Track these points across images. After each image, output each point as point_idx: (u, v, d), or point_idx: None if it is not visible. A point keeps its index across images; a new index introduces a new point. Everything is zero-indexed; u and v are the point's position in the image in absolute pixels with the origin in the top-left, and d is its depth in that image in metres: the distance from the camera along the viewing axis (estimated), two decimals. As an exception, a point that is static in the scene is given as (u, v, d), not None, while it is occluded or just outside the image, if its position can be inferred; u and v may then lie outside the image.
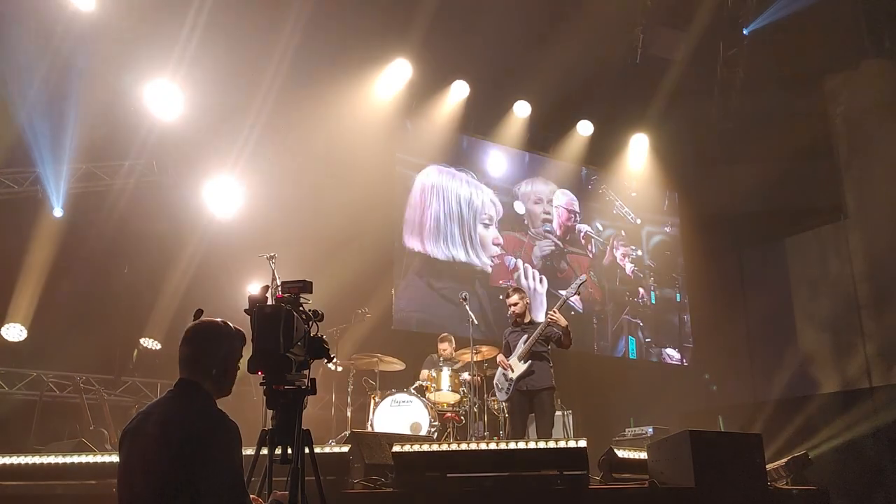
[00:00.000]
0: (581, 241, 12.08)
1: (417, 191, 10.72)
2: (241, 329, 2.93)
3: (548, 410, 6.94)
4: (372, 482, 5.33)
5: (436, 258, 10.57)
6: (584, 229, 12.16)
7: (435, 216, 10.72)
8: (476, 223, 11.05)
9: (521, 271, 11.18)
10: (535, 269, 11.31)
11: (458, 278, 10.57)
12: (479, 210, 11.13)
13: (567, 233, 11.99)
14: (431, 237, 10.62)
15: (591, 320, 11.67)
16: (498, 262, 11.05)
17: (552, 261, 11.59)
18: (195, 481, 2.56)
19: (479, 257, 10.91)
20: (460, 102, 10.97)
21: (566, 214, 12.06)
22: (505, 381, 7.13)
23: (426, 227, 10.63)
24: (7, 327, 8.33)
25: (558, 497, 4.98)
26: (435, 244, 10.61)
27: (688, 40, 10.90)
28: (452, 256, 10.70)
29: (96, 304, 8.84)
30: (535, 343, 6.95)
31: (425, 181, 10.83)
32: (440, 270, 10.56)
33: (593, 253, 12.14)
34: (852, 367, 10.31)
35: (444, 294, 10.40)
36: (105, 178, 9.52)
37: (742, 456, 5.09)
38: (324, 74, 9.48)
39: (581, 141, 11.99)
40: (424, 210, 10.69)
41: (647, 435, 8.18)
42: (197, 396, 2.78)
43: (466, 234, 10.91)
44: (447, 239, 10.73)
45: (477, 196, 11.19)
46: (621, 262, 12.38)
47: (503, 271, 11.05)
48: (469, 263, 10.81)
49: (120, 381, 9.03)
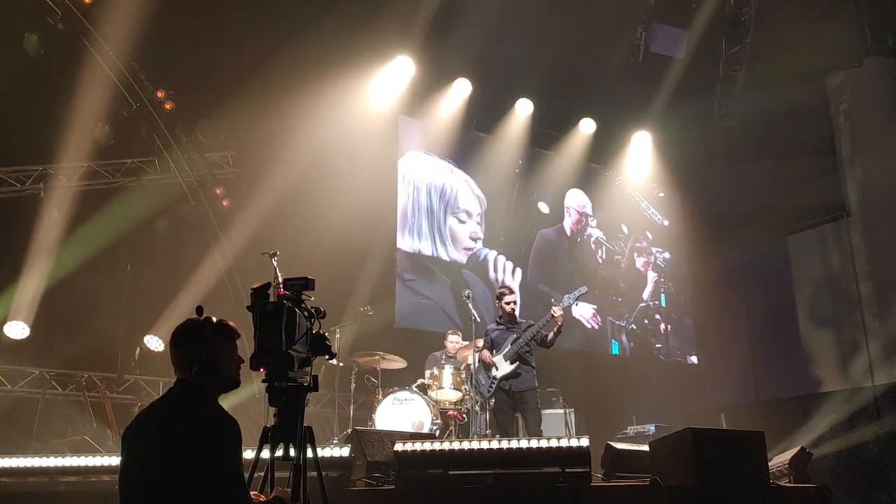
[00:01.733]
0: (591, 247, 12.06)
1: (399, 181, 10.60)
2: (228, 324, 2.90)
3: (534, 409, 7.00)
4: (374, 480, 5.33)
5: (404, 250, 10.37)
6: (596, 235, 12.14)
7: (403, 207, 10.51)
8: (447, 215, 10.85)
9: (491, 263, 11.08)
10: (508, 260, 11.17)
11: (426, 272, 10.41)
12: (451, 202, 10.94)
13: (577, 235, 11.97)
14: (399, 228, 10.42)
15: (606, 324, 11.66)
16: (470, 255, 10.94)
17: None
18: (195, 479, 2.57)
19: (448, 252, 10.74)
20: (463, 100, 10.96)
21: (577, 217, 12.05)
22: (487, 378, 7.14)
23: (398, 217, 10.45)
24: (9, 325, 8.34)
25: (560, 494, 4.97)
26: (401, 235, 10.39)
27: (690, 38, 10.88)
28: (419, 250, 10.51)
29: (99, 303, 8.85)
30: (524, 345, 6.97)
31: (402, 170, 10.69)
32: (408, 264, 10.38)
33: (603, 259, 12.12)
34: (855, 366, 10.29)
35: (412, 287, 10.24)
36: (107, 177, 9.54)
37: (744, 454, 5.08)
38: (325, 72, 9.48)
39: (583, 139, 11.97)
40: (397, 200, 10.51)
41: (650, 433, 8.19)
42: (195, 394, 2.78)
43: (435, 226, 10.71)
44: (412, 230, 10.51)
45: (451, 187, 10.99)
46: (643, 269, 12.38)
47: (474, 264, 10.94)
48: (436, 257, 10.63)
49: (122, 379, 9.05)
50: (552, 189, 11.88)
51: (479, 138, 11.40)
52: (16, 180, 9.08)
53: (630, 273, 12.31)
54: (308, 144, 9.35)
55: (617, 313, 11.98)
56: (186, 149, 9.59)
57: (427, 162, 10.96)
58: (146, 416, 2.79)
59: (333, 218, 9.03)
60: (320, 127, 9.32)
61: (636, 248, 12.46)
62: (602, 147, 12.19)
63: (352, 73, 9.89)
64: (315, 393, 3.24)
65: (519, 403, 7.01)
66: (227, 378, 2.87)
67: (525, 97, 11.34)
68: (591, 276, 11.65)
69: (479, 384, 7.24)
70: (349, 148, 9.63)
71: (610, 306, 11.94)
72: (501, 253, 11.16)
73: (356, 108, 9.98)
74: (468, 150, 11.25)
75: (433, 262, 10.59)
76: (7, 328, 8.34)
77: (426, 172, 10.90)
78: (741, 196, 11.90)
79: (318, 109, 9.32)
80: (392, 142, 10.57)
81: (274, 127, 9.44)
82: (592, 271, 11.86)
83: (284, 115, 9.36)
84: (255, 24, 8.97)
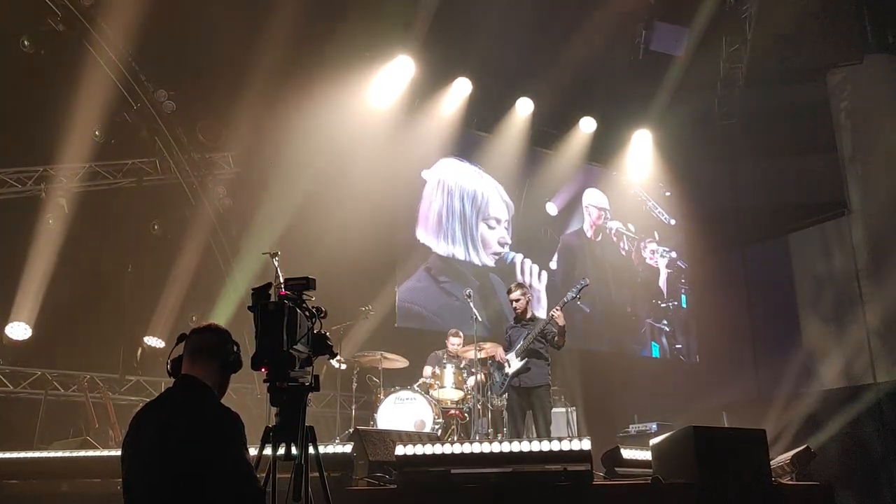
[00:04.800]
0: (613, 240, 12.08)
1: (429, 185, 10.75)
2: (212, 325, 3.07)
3: (545, 407, 6.97)
4: (376, 479, 5.33)
5: (438, 254, 10.58)
6: (615, 226, 12.15)
7: (437, 212, 10.71)
8: (478, 221, 11.02)
9: (518, 266, 11.15)
10: (534, 264, 11.28)
11: (459, 276, 10.55)
12: (482, 208, 11.10)
13: (598, 232, 11.99)
14: (434, 232, 10.62)
15: (607, 320, 11.68)
16: (498, 258, 11.04)
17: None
18: (204, 475, 2.58)
19: (479, 256, 10.89)
20: (463, 99, 10.96)
21: (597, 213, 12.07)
22: (500, 376, 7.16)
23: (430, 222, 10.64)
24: (11, 326, 8.34)
25: (562, 492, 4.97)
26: (436, 239, 10.61)
27: (690, 35, 10.88)
28: (452, 254, 10.70)
29: (100, 303, 8.86)
30: (533, 341, 6.96)
31: (436, 175, 10.84)
32: (443, 266, 10.56)
33: (626, 250, 12.13)
34: (856, 362, 10.28)
35: (447, 289, 10.39)
36: (109, 178, 9.55)
37: (746, 452, 5.07)
38: (325, 72, 9.48)
39: (584, 138, 11.96)
40: (430, 205, 10.70)
41: (652, 431, 8.18)
42: (197, 392, 2.81)
43: (468, 232, 10.90)
44: (447, 236, 10.71)
45: (482, 193, 11.16)
46: (651, 260, 12.38)
47: (502, 267, 11.04)
48: (468, 262, 10.80)
49: (124, 379, 9.05)
50: (558, 188, 11.89)
51: (482, 138, 11.42)
52: (17, 181, 9.08)
53: (647, 273, 12.35)
54: (308, 144, 9.35)
55: (656, 315, 12.07)
56: (187, 149, 9.60)
57: (458, 168, 11.12)
58: (149, 415, 2.80)
59: (337, 216, 9.04)
60: (321, 126, 9.32)
61: (650, 248, 12.47)
62: (603, 145, 12.17)
63: (352, 73, 9.89)
64: (316, 392, 3.25)
65: (530, 401, 6.99)
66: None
67: (525, 96, 11.33)
68: (618, 276, 11.79)
69: (494, 383, 7.31)
70: (349, 147, 9.62)
71: (648, 308, 12.04)
72: (527, 256, 11.25)
73: (357, 108, 9.97)
74: (473, 150, 11.33)
75: (465, 266, 10.76)
76: (9, 329, 8.34)
77: (458, 178, 11.09)
78: (742, 193, 11.88)
79: (319, 109, 9.31)
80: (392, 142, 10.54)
81: (274, 127, 9.44)
82: (618, 270, 11.97)
83: (284, 115, 9.36)
84: (256, 25, 8.96)
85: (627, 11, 10.75)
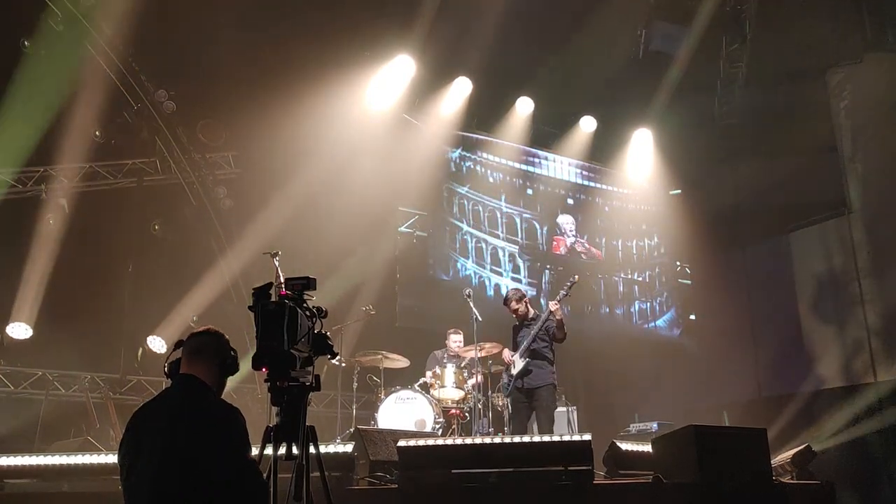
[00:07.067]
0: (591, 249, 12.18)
1: (442, 190, 10.91)
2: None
3: (547, 407, 6.97)
4: (377, 479, 5.33)
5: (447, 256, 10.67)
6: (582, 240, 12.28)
7: (455, 223, 10.87)
8: (496, 235, 11.20)
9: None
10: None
11: (463, 280, 10.63)
12: (499, 222, 11.27)
13: (575, 253, 12.14)
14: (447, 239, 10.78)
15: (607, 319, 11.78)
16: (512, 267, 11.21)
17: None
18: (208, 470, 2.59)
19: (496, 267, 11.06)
20: (463, 99, 10.96)
21: (571, 237, 12.18)
22: (506, 377, 7.19)
23: (443, 229, 10.80)
24: (12, 326, 8.34)
25: (563, 492, 4.98)
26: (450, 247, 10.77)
27: (690, 35, 10.87)
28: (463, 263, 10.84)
29: (100, 303, 8.86)
30: (535, 339, 6.98)
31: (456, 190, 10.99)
32: (443, 266, 10.58)
33: (602, 255, 12.22)
34: (857, 362, 10.29)
35: (447, 289, 10.41)
36: (109, 178, 9.55)
37: (747, 451, 5.08)
38: (325, 72, 9.47)
39: (584, 137, 11.96)
40: (446, 211, 10.86)
41: (652, 430, 8.18)
42: (197, 390, 2.83)
43: (488, 247, 11.10)
44: (470, 252, 10.91)
45: (497, 207, 11.34)
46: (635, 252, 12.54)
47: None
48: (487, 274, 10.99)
49: (125, 380, 9.05)
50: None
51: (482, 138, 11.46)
52: (17, 182, 9.08)
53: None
54: (308, 144, 9.35)
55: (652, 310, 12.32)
56: (187, 149, 9.60)
57: (478, 178, 11.24)
58: (148, 419, 2.81)
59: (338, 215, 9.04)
60: (321, 126, 9.32)
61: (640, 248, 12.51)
62: (603, 145, 12.17)
63: (352, 73, 9.89)
64: (317, 392, 3.25)
65: (533, 401, 7.02)
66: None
67: (525, 95, 11.33)
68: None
69: (502, 383, 7.43)
70: (350, 147, 9.62)
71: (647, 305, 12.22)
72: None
73: (357, 108, 9.97)
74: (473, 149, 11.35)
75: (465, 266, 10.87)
76: (10, 329, 8.34)
77: (476, 189, 11.21)
78: (742, 193, 11.87)
79: (319, 109, 9.31)
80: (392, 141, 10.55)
81: (274, 126, 9.43)
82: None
83: (285, 115, 9.35)
84: (256, 24, 8.96)
85: (628, 10, 10.74)
